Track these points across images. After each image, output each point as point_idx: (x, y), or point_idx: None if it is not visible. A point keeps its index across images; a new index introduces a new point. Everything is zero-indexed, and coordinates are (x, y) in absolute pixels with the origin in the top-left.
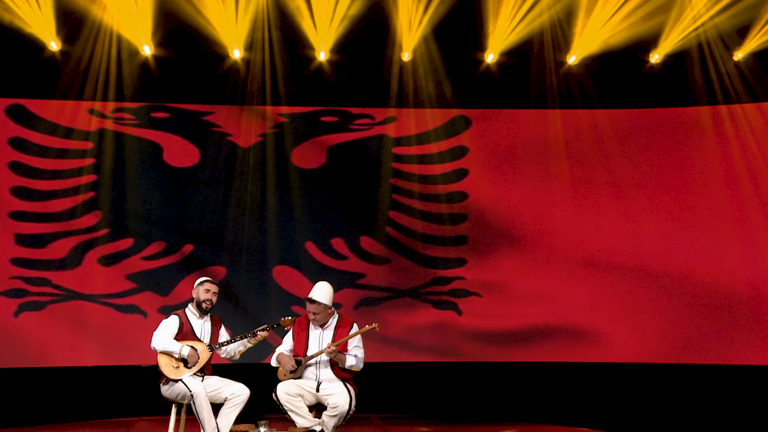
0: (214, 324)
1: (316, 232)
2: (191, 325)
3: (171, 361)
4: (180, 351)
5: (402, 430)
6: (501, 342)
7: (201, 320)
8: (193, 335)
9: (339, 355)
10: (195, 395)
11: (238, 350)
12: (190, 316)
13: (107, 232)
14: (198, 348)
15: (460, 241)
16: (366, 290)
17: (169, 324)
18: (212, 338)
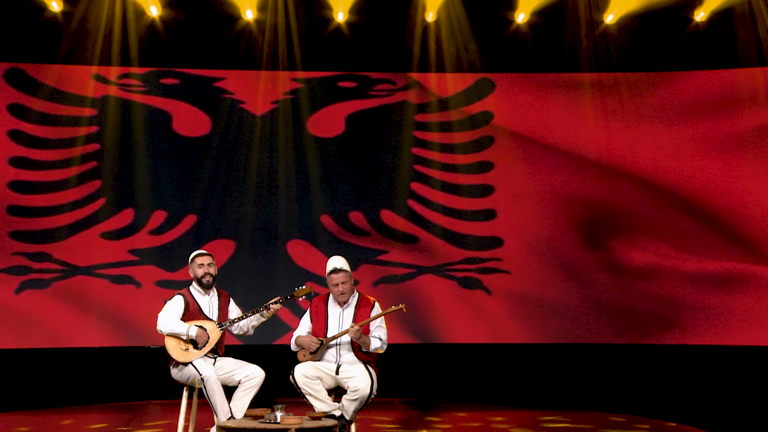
0: (221, 299)
1: (334, 205)
2: (197, 304)
3: (179, 343)
4: (187, 332)
5: (426, 415)
6: (532, 323)
7: (207, 296)
8: (200, 314)
9: (363, 337)
10: (205, 379)
11: (251, 325)
12: (195, 294)
13: (111, 205)
14: (207, 327)
15: (487, 214)
16: (387, 267)
17: (173, 305)
18: (221, 315)
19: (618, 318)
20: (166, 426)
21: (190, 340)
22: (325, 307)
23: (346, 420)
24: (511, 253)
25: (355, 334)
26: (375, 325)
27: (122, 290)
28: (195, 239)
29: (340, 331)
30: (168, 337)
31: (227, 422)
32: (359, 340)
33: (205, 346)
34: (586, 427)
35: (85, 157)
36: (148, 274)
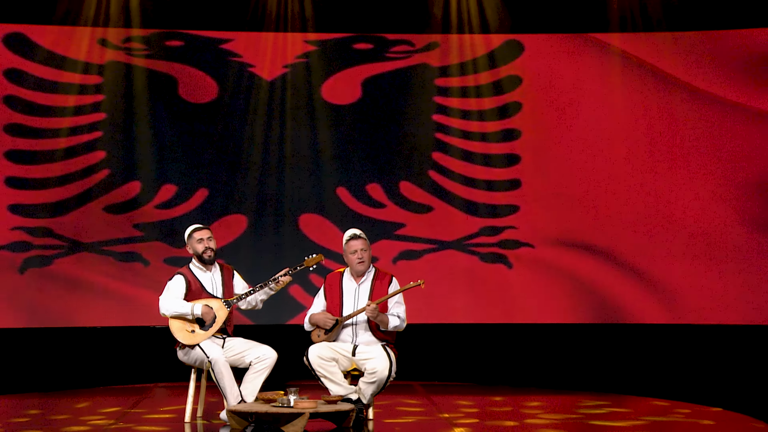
0: (225, 274)
1: (349, 177)
2: (199, 282)
3: (185, 324)
4: (192, 311)
5: (449, 400)
6: (561, 301)
7: (209, 273)
8: (204, 292)
9: (380, 315)
10: (213, 361)
11: (260, 299)
12: (196, 271)
13: (115, 176)
14: (213, 305)
15: (512, 185)
16: (406, 242)
17: (174, 285)
18: (226, 291)
19: (656, 296)
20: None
21: (196, 319)
22: (339, 283)
23: (364, 404)
24: (537, 226)
25: (372, 312)
26: (393, 301)
27: (128, 268)
28: (204, 214)
29: (356, 310)
30: (172, 319)
31: (237, 406)
32: (376, 318)
33: (212, 326)
34: (626, 411)
35: (88, 126)
36: (155, 251)
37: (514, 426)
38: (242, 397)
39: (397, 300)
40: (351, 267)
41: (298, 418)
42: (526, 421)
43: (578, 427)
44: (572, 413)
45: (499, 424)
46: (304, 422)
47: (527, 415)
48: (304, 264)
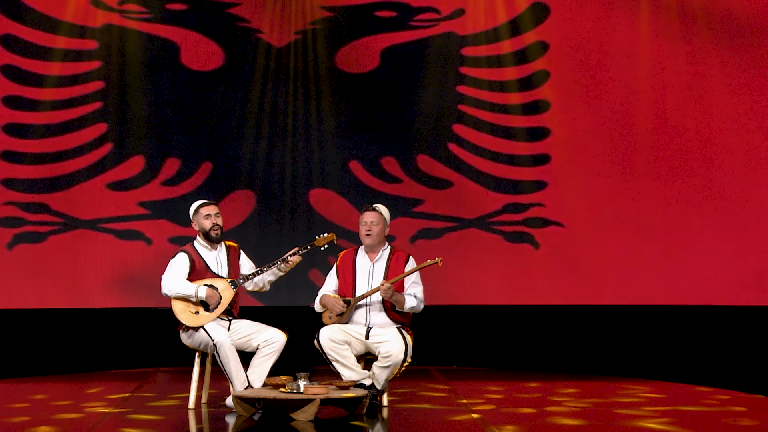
0: (230, 253)
1: (364, 150)
2: (204, 261)
3: (188, 306)
4: (196, 293)
5: (469, 385)
6: (591, 282)
7: (214, 251)
8: (208, 272)
9: (396, 295)
10: (218, 345)
11: (267, 280)
12: (201, 249)
13: (115, 149)
14: (218, 286)
15: (539, 160)
16: (424, 219)
17: (177, 264)
18: (232, 271)
19: (696, 278)
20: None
21: (200, 302)
22: (353, 261)
23: (378, 389)
24: (566, 203)
25: (387, 292)
26: (410, 281)
27: (130, 247)
28: (211, 190)
29: (370, 290)
30: (175, 300)
31: (244, 392)
32: (391, 298)
33: (217, 308)
34: (659, 396)
35: (88, 97)
36: (159, 229)
37: (531, 413)
38: (249, 382)
39: (414, 280)
40: (361, 241)
41: (308, 404)
42: (546, 408)
43: (598, 415)
44: (601, 400)
45: (516, 411)
46: (315, 409)
47: (551, 402)
48: (315, 243)
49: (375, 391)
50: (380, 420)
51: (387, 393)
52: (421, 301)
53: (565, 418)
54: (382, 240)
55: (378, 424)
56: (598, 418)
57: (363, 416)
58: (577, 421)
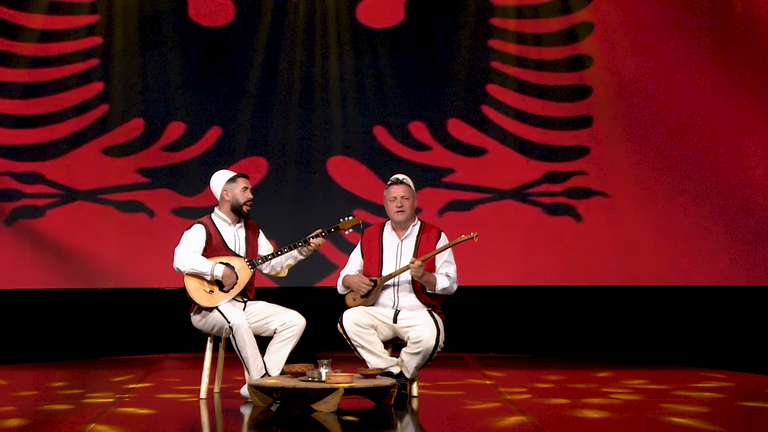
0: (250, 231)
1: (389, 113)
2: (221, 236)
3: (202, 284)
4: (212, 271)
5: (506, 374)
6: (639, 260)
7: (233, 227)
8: (225, 249)
9: (427, 275)
10: (235, 328)
11: (286, 264)
12: (219, 223)
13: (116, 113)
14: (235, 265)
15: (581, 122)
16: (455, 190)
17: (193, 236)
18: (250, 250)
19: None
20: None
21: (214, 281)
22: (379, 238)
23: (407, 378)
24: (612, 171)
25: (417, 270)
26: (442, 259)
27: (131, 220)
28: (218, 157)
29: (399, 268)
30: (188, 277)
31: (261, 380)
32: (422, 278)
33: (233, 288)
34: (727, 385)
35: (83, 53)
36: (162, 200)
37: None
38: (266, 369)
39: (447, 258)
40: (390, 218)
41: (330, 394)
42: (583, 400)
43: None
44: (650, 391)
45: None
46: (338, 399)
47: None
48: (340, 227)
49: (404, 379)
50: (409, 411)
51: (417, 382)
52: (455, 281)
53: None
54: (412, 215)
55: (407, 416)
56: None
57: (391, 407)
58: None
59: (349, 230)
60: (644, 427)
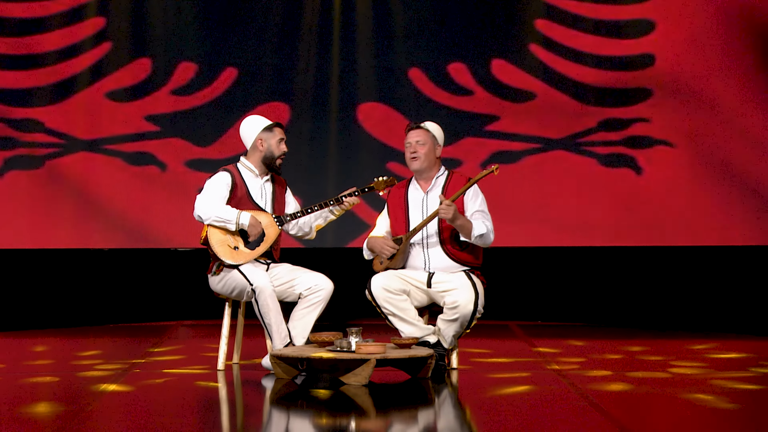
0: (278, 186)
1: (426, 54)
2: (247, 187)
3: (226, 238)
4: (238, 219)
5: (555, 344)
6: (707, 218)
7: (260, 180)
8: (250, 201)
9: (459, 217)
10: (257, 291)
11: (316, 224)
12: (246, 174)
13: (120, 52)
14: (262, 220)
15: (643, 62)
16: (500, 140)
17: (217, 184)
18: (277, 206)
19: None
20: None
21: (239, 231)
22: (404, 194)
23: (445, 348)
24: (677, 118)
25: (447, 211)
26: (473, 208)
27: (140, 173)
28: (234, 102)
29: (425, 218)
30: (212, 229)
31: (285, 350)
32: (455, 221)
33: (259, 246)
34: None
35: None
36: (173, 151)
37: (665, 378)
38: (291, 338)
39: (479, 207)
40: (410, 167)
41: (361, 365)
42: (673, 370)
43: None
44: (699, 360)
45: (615, 375)
46: (370, 371)
47: (639, 361)
48: (374, 186)
49: (442, 350)
50: (449, 385)
51: (456, 352)
52: (491, 230)
53: (665, 387)
54: (434, 164)
55: (445, 389)
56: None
57: (428, 380)
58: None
59: (384, 191)
60: None
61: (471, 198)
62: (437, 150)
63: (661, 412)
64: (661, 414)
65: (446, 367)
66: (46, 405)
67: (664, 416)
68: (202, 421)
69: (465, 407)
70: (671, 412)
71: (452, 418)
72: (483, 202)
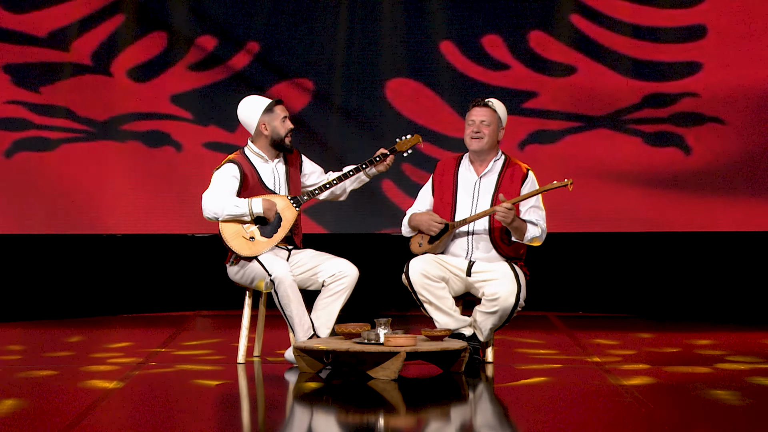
0: (290, 166)
1: (458, 26)
2: (258, 174)
3: (240, 229)
4: (250, 208)
5: (599, 337)
6: (755, 199)
7: (270, 163)
8: (263, 188)
9: (517, 220)
10: (277, 281)
11: (349, 189)
12: (254, 159)
13: (134, 25)
14: (278, 203)
15: (692, 33)
16: (538, 118)
17: (224, 177)
18: (292, 187)
19: None
20: (221, 346)
21: (255, 219)
22: (454, 173)
23: (480, 341)
24: (729, 92)
25: (507, 215)
26: (528, 204)
27: (155, 156)
28: (255, 77)
29: (479, 212)
30: (224, 224)
31: (308, 342)
32: (511, 224)
33: (277, 232)
34: None
35: None
36: (191, 131)
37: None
38: (314, 329)
39: (534, 203)
40: (467, 145)
41: (390, 359)
42: (718, 365)
43: None
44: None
45: (678, 370)
46: (399, 365)
47: (704, 356)
48: (396, 148)
49: (477, 343)
50: (483, 379)
51: (492, 346)
52: (544, 231)
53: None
54: (494, 147)
55: (480, 385)
56: None
57: (461, 374)
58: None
59: (408, 151)
60: None
61: (527, 191)
62: (500, 133)
63: (698, 409)
64: (700, 411)
65: (481, 360)
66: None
67: (703, 414)
68: (222, 419)
69: (502, 403)
70: (709, 410)
71: (489, 415)
72: (538, 197)
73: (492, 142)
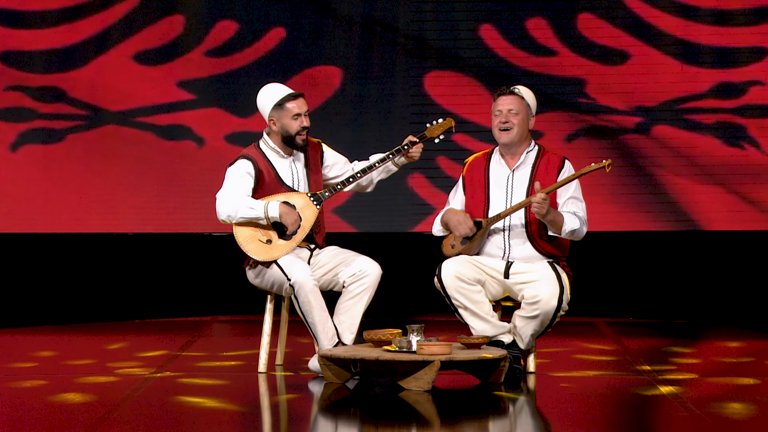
0: (310, 158)
1: (499, 7)
2: (275, 170)
3: (256, 232)
4: (266, 211)
5: (650, 345)
6: None
7: (287, 159)
8: (281, 185)
9: (552, 212)
10: (297, 286)
11: (376, 180)
12: (270, 155)
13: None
14: (296, 203)
15: (761, 15)
16: (587, 112)
17: (238, 175)
18: (313, 184)
19: None
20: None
21: (272, 224)
22: (485, 169)
23: (521, 349)
24: None
25: (541, 206)
26: (565, 196)
27: (174, 149)
28: (279, 65)
29: (514, 204)
30: (239, 226)
31: (334, 350)
32: (546, 216)
33: (296, 234)
34: None
35: None
36: (211, 123)
37: (755, 384)
38: (339, 335)
39: (573, 194)
40: (495, 138)
41: (423, 368)
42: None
43: None
44: None
45: (732, 382)
46: (433, 375)
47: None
48: (426, 134)
49: (517, 351)
50: (524, 392)
51: (534, 354)
52: (584, 222)
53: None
54: (525, 137)
55: (522, 396)
56: None
57: (501, 385)
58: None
59: (440, 137)
60: None
61: (570, 181)
62: (531, 121)
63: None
64: None
65: (522, 370)
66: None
67: None
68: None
69: (544, 418)
70: None
71: (530, 430)
72: (578, 187)
73: (522, 132)
